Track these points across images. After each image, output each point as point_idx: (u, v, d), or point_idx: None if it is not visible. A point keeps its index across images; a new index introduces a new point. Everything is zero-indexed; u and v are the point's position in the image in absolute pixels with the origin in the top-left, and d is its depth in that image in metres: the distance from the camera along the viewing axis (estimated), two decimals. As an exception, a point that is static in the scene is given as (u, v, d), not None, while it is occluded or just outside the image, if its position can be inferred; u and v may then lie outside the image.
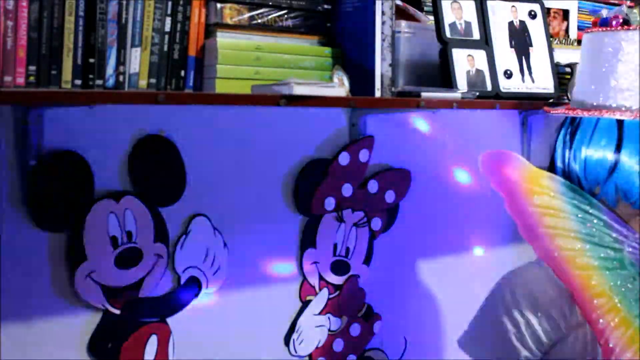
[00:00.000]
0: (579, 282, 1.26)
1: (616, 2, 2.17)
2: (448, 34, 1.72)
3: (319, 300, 1.82)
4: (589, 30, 1.45)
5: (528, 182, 1.34)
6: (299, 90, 1.39)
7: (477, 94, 1.70)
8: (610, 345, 1.22)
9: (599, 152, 1.34)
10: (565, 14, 2.10)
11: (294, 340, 1.79)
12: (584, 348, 1.28)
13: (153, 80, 1.42)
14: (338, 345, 1.86)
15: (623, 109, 1.34)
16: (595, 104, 1.38)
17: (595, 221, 1.30)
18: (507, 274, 1.38)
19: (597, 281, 1.26)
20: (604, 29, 1.40)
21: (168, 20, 1.42)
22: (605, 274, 1.26)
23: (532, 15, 1.87)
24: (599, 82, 1.38)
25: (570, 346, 1.29)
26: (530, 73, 1.83)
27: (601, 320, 1.23)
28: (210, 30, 1.49)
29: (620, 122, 1.33)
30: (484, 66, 1.76)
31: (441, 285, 2.08)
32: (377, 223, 1.89)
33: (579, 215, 1.30)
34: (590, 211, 1.30)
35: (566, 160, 1.39)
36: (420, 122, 1.99)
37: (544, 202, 1.31)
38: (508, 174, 1.35)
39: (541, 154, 2.10)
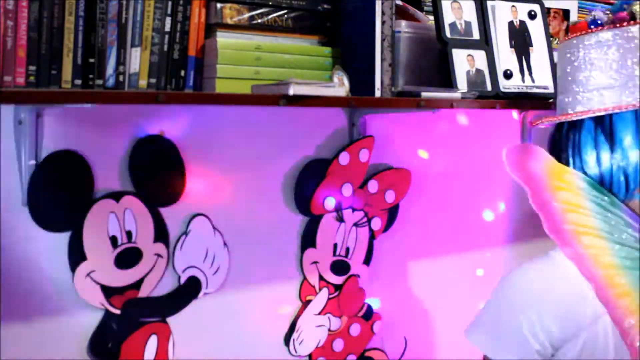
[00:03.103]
0: (603, 281, 1.24)
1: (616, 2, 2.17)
2: (448, 34, 1.72)
3: (319, 300, 1.82)
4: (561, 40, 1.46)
5: (552, 177, 1.32)
6: (299, 90, 1.39)
7: (477, 94, 1.70)
8: (637, 345, 1.21)
9: None
10: (565, 14, 2.10)
11: (294, 340, 1.79)
12: (596, 347, 1.27)
13: (153, 80, 1.41)
14: (338, 345, 1.86)
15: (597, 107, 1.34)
16: (572, 107, 1.38)
17: (616, 219, 1.29)
18: (515, 270, 1.37)
19: (621, 281, 1.25)
20: (576, 34, 1.40)
21: (168, 20, 1.42)
22: (628, 273, 1.25)
23: (532, 15, 1.87)
24: (572, 84, 1.39)
25: (582, 344, 1.28)
26: (530, 73, 1.83)
27: (627, 321, 1.22)
28: (210, 30, 1.49)
29: None
30: (484, 66, 1.76)
31: (441, 285, 2.08)
32: (377, 223, 1.89)
33: (601, 213, 1.29)
34: (611, 209, 1.29)
35: (608, 162, 1.33)
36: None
37: (567, 198, 1.30)
38: (532, 168, 1.34)
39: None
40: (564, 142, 1.37)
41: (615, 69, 1.33)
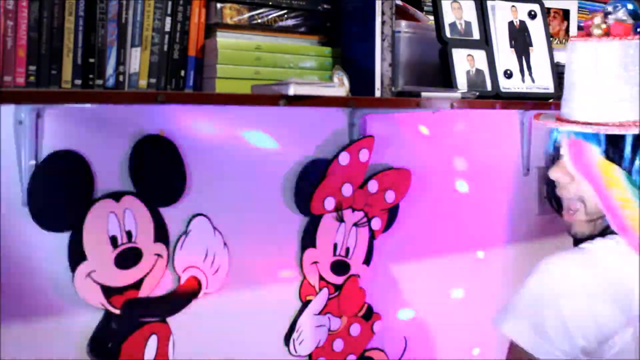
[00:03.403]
0: None
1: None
2: (448, 34, 1.72)
3: (319, 300, 1.82)
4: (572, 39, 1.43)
5: (605, 173, 1.32)
6: (299, 90, 1.39)
7: (477, 94, 1.70)
8: None
9: None
10: (565, 14, 2.10)
11: (294, 340, 1.79)
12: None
13: (153, 80, 1.42)
14: (338, 345, 1.86)
15: (573, 119, 1.34)
16: (563, 112, 1.38)
17: None
18: (552, 258, 1.31)
19: None
20: (580, 38, 1.38)
21: (168, 20, 1.42)
22: None
23: (532, 15, 1.87)
24: (567, 91, 1.38)
25: (629, 339, 1.25)
26: (530, 73, 1.83)
27: None
28: (210, 30, 1.49)
29: None
30: (484, 66, 1.76)
31: (441, 285, 2.08)
32: (377, 223, 1.89)
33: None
34: None
35: None
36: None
37: (619, 194, 1.30)
38: (591, 164, 1.33)
39: (541, 154, 2.10)
40: (634, 140, 1.34)
41: None
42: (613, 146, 1.33)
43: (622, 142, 1.32)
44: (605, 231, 1.35)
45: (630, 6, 1.35)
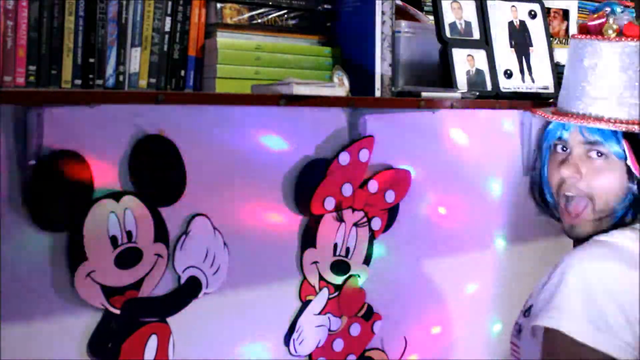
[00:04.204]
0: None
1: (616, 2, 2.17)
2: (448, 33, 1.72)
3: (319, 300, 1.82)
4: (575, 36, 1.44)
5: None
6: (299, 90, 1.40)
7: (477, 94, 1.70)
8: None
9: None
10: (565, 13, 2.10)
11: (294, 340, 1.79)
12: None
13: (153, 80, 1.42)
14: (338, 345, 1.86)
15: (598, 117, 1.34)
16: (574, 110, 1.38)
17: None
18: (583, 253, 1.31)
19: None
20: (586, 36, 1.39)
21: (168, 20, 1.42)
22: None
23: (532, 15, 1.87)
24: (578, 88, 1.39)
25: None
26: (530, 73, 1.83)
27: None
28: (210, 30, 1.49)
29: None
30: (484, 66, 1.76)
31: (441, 285, 2.08)
32: (377, 223, 1.89)
33: None
34: None
35: None
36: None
37: None
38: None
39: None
40: None
41: None
42: (634, 144, 1.34)
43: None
44: (615, 227, 1.36)
45: (619, 9, 1.36)
